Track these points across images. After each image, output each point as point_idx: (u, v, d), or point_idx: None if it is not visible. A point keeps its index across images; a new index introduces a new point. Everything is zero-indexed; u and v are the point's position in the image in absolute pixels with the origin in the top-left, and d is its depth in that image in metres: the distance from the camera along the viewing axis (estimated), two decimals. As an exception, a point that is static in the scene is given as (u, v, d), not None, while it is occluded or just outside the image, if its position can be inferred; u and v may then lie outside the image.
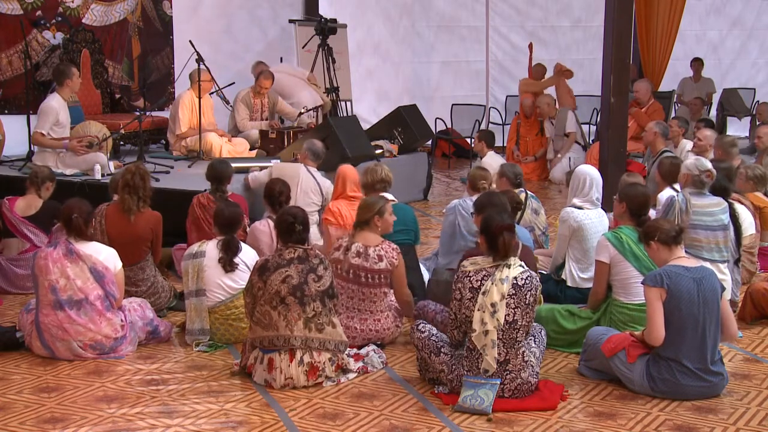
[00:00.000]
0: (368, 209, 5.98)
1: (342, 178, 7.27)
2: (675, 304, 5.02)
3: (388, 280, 5.92)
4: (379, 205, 5.97)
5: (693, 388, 5.07)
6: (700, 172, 6.73)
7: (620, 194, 5.99)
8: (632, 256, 5.70)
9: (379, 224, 5.96)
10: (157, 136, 11.02)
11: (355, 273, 5.86)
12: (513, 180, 7.46)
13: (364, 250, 5.88)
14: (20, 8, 10.35)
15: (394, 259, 5.91)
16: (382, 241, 5.94)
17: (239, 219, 6.20)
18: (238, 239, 6.12)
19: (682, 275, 5.06)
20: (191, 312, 6.00)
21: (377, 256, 5.87)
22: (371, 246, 5.90)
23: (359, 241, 5.92)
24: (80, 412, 4.92)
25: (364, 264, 5.85)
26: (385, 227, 6.00)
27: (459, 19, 15.56)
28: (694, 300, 5.03)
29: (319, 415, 4.90)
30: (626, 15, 9.38)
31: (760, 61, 17.49)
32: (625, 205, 5.89)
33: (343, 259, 5.90)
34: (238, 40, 13.05)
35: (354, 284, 5.88)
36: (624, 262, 5.71)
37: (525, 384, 5.03)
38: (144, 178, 6.66)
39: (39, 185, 7.39)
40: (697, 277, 5.08)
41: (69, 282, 5.70)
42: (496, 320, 4.92)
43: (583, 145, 12.71)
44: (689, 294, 5.02)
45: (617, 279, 5.76)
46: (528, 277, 5.01)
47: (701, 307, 5.04)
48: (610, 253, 5.75)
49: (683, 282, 5.04)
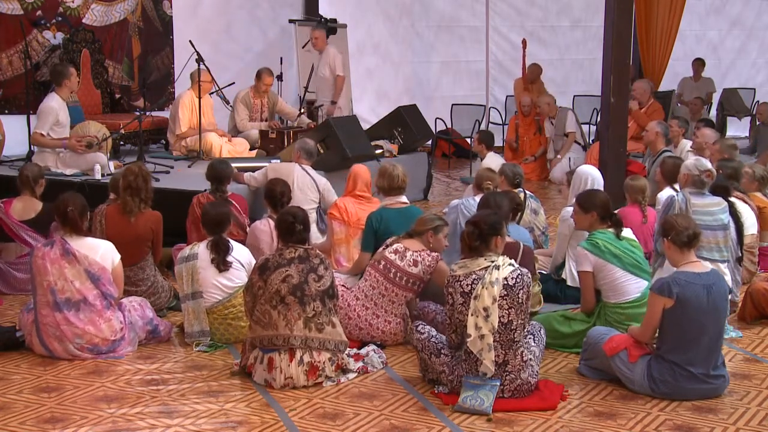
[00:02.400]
0: (426, 223, 6.05)
1: (354, 176, 7.39)
2: (683, 312, 4.99)
3: (416, 286, 5.94)
4: (438, 224, 6.04)
5: (694, 390, 5.07)
6: (700, 172, 6.73)
7: (585, 205, 5.92)
8: (612, 256, 5.69)
9: (432, 240, 6.00)
10: (157, 136, 11.02)
11: (386, 266, 5.91)
12: (512, 180, 7.47)
13: (402, 251, 5.93)
14: (20, 8, 10.34)
15: (430, 267, 5.92)
16: (423, 250, 5.96)
17: (226, 219, 6.18)
18: (227, 238, 6.12)
19: (692, 284, 5.02)
20: (189, 315, 5.99)
21: (413, 260, 5.90)
22: (411, 249, 5.94)
23: (403, 243, 5.98)
24: (80, 412, 4.92)
25: (398, 263, 5.89)
26: (436, 246, 6.02)
27: (459, 19, 15.55)
28: (703, 307, 5.00)
29: (319, 415, 4.90)
30: (626, 15, 9.38)
31: (760, 61, 17.50)
32: (595, 213, 5.86)
33: (381, 252, 5.99)
34: (238, 40, 13.05)
35: (381, 276, 5.92)
36: (607, 265, 5.69)
37: (525, 384, 5.02)
38: (146, 180, 6.67)
39: (33, 185, 7.27)
40: (708, 283, 5.06)
41: (67, 283, 5.69)
42: (491, 324, 4.90)
43: (583, 145, 12.71)
44: (699, 302, 5.00)
45: (604, 283, 5.75)
46: (518, 275, 4.98)
47: (710, 314, 5.03)
48: (591, 261, 5.74)
49: (694, 290, 5.00)
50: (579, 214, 5.97)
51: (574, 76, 14.60)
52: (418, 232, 6.02)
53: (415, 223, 6.09)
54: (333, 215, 7.23)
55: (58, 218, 5.88)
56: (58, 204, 5.85)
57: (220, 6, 12.88)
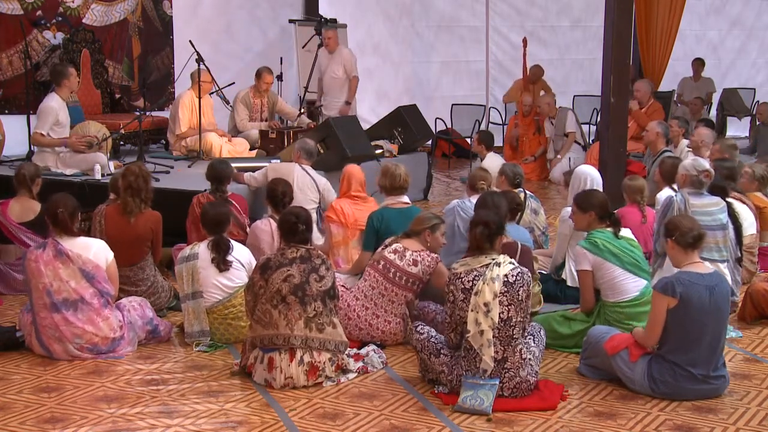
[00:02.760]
0: (423, 222, 6.06)
1: (348, 177, 7.35)
2: (686, 312, 4.99)
3: (415, 286, 5.95)
4: (435, 222, 6.06)
5: (694, 390, 5.07)
6: (698, 173, 6.73)
7: (584, 204, 5.92)
8: (611, 255, 5.70)
9: (429, 239, 6.01)
10: (157, 136, 11.02)
11: (386, 266, 5.91)
12: (512, 180, 7.47)
13: (402, 251, 5.94)
14: (20, 8, 10.34)
15: (429, 267, 5.93)
16: (422, 250, 5.97)
17: (225, 218, 6.18)
18: (227, 238, 6.12)
19: (695, 284, 5.02)
20: (189, 315, 5.99)
21: (412, 260, 5.90)
22: (410, 249, 5.94)
23: (402, 243, 5.99)
24: (80, 412, 4.92)
25: (398, 262, 5.90)
26: (434, 245, 6.04)
27: (459, 19, 15.54)
28: (705, 308, 5.00)
29: (319, 415, 4.90)
30: (626, 15, 9.38)
31: (760, 61, 17.50)
32: (593, 213, 5.87)
33: (380, 252, 6.00)
34: (237, 40, 13.05)
35: (381, 275, 5.92)
36: (605, 263, 5.70)
37: (524, 382, 5.03)
38: (146, 180, 6.66)
39: (29, 184, 7.23)
40: (711, 284, 5.06)
41: (63, 284, 5.68)
42: (491, 319, 4.92)
43: (583, 145, 12.71)
44: (701, 302, 5.00)
45: (603, 282, 5.75)
46: (519, 273, 5.01)
47: (713, 314, 5.03)
48: (590, 260, 5.75)
49: (697, 290, 5.01)
50: (577, 214, 5.98)
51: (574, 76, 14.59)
52: (416, 232, 6.03)
53: (412, 223, 6.10)
54: (330, 218, 7.22)
55: (48, 219, 5.86)
56: (48, 205, 5.84)
57: (220, 6, 12.88)
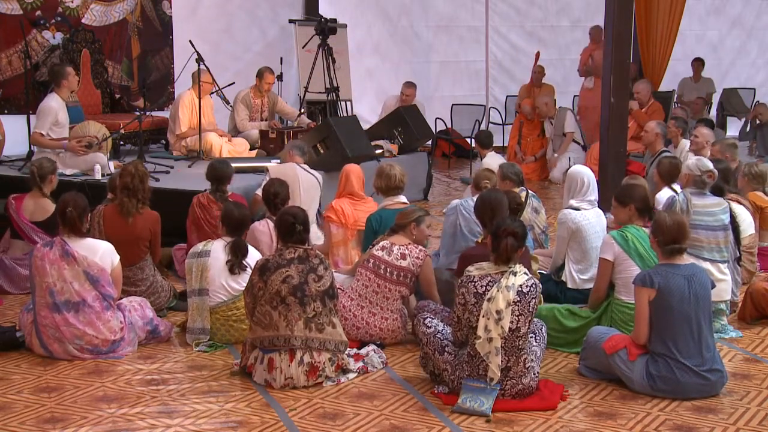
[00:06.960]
0: (408, 215, 6.12)
1: (346, 176, 7.35)
2: (667, 302, 5.06)
3: (408, 280, 5.97)
4: (419, 215, 6.12)
5: (692, 385, 5.08)
6: (702, 173, 6.72)
7: (623, 198, 5.95)
8: (637, 255, 5.71)
9: (415, 232, 6.07)
10: (157, 136, 11.02)
11: (375, 264, 5.95)
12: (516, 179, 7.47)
13: (389, 246, 5.99)
14: (20, 8, 10.34)
15: (418, 260, 5.96)
16: (409, 243, 6.02)
17: (248, 221, 6.23)
18: (245, 242, 6.12)
19: (672, 273, 5.12)
20: (193, 310, 5.99)
21: (400, 254, 5.95)
22: (397, 244, 5.99)
23: (389, 240, 6.04)
24: (80, 412, 4.92)
25: (386, 258, 5.94)
26: (420, 237, 6.10)
27: (458, 19, 15.55)
28: (685, 297, 5.08)
29: (319, 415, 4.90)
30: (626, 15, 9.38)
31: (760, 61, 17.48)
32: (633, 206, 5.90)
33: (369, 250, 6.05)
34: (237, 40, 13.05)
35: (372, 273, 5.95)
36: (628, 260, 5.72)
37: (526, 389, 5.04)
38: (143, 180, 6.65)
39: (40, 182, 7.24)
40: (688, 274, 5.14)
41: (66, 285, 5.68)
42: (501, 328, 4.90)
43: (582, 146, 12.72)
44: (680, 292, 5.07)
45: (620, 278, 5.77)
46: (532, 284, 5.02)
47: (693, 304, 5.09)
48: (614, 252, 5.76)
49: (674, 280, 5.09)
50: (617, 208, 6.00)
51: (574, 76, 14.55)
52: (401, 226, 6.09)
53: (397, 218, 6.16)
54: (330, 218, 7.22)
55: (58, 218, 5.88)
56: (58, 204, 5.86)
57: (220, 6, 12.88)
